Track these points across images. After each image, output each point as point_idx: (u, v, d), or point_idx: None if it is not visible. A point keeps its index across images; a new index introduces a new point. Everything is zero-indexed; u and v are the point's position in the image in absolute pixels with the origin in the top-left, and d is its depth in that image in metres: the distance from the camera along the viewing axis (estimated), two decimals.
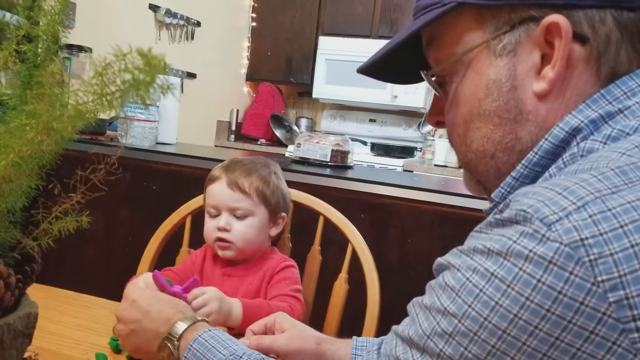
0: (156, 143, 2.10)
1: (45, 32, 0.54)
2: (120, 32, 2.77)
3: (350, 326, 1.13)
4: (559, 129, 0.55)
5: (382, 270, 1.22)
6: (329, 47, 3.76)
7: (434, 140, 3.57)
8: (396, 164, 3.36)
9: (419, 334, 0.52)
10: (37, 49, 0.55)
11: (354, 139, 3.06)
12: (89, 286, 1.20)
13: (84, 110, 0.48)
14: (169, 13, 3.19)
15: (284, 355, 0.84)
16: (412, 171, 3.25)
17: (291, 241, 1.36)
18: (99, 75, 0.45)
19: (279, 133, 3.94)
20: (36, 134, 0.48)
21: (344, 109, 4.09)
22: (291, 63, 3.99)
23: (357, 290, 1.23)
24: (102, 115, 0.54)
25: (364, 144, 3.81)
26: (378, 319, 1.16)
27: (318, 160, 1.98)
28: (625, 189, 0.45)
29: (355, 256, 1.24)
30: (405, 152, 3.69)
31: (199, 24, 3.49)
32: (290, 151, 2.59)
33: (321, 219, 1.31)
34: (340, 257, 1.27)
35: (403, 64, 0.70)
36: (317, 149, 1.99)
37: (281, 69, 4.01)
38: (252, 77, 4.12)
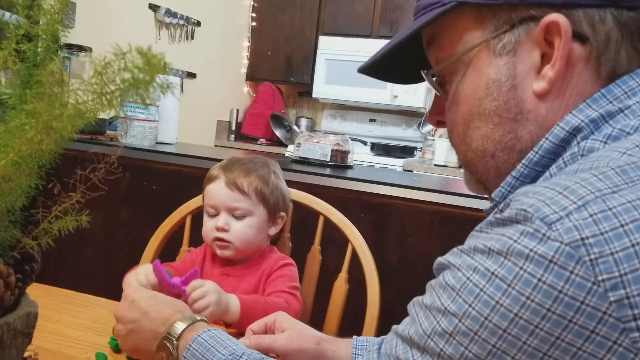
0: (156, 143, 2.10)
1: (45, 31, 0.54)
2: (120, 32, 2.77)
3: (351, 326, 1.13)
4: (559, 128, 0.55)
5: (382, 270, 1.22)
6: (329, 47, 3.76)
7: (434, 140, 3.57)
8: (396, 163, 3.36)
9: (419, 334, 0.52)
10: (37, 48, 0.54)
11: (354, 139, 3.06)
12: (88, 286, 1.20)
13: (83, 110, 0.48)
14: (168, 13, 3.19)
15: (284, 354, 0.84)
16: (412, 171, 3.25)
17: (291, 241, 1.36)
18: (99, 74, 0.45)
19: (279, 133, 3.94)
20: (36, 133, 0.48)
21: (344, 108, 4.09)
22: (291, 63, 3.99)
23: (357, 290, 1.23)
24: (102, 115, 0.54)
25: (364, 143, 3.81)
26: (378, 318, 1.16)
27: (318, 160, 1.97)
28: (626, 188, 0.45)
29: (355, 256, 1.24)
30: (405, 151, 3.69)
31: (198, 23, 3.49)
32: (290, 151, 2.59)
33: (321, 219, 1.30)
34: (340, 256, 1.27)
35: (404, 64, 0.70)
36: (317, 148, 1.99)
37: (281, 68, 4.01)
38: (252, 76, 4.12)
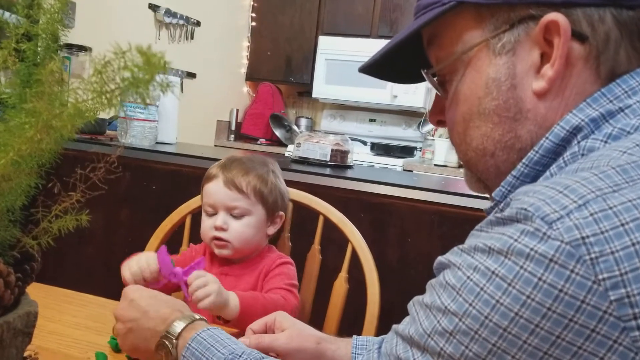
0: (156, 143, 2.10)
1: (44, 30, 0.54)
2: (120, 32, 2.77)
3: (350, 325, 1.13)
4: (559, 127, 0.55)
5: (382, 269, 1.22)
6: (329, 47, 3.76)
7: (433, 140, 3.57)
8: (396, 163, 3.36)
9: (419, 333, 0.52)
10: (37, 47, 0.54)
11: (353, 139, 3.06)
12: (88, 285, 1.20)
13: (83, 109, 0.48)
14: (168, 13, 3.19)
15: (283, 354, 0.84)
16: (412, 171, 3.25)
17: (291, 240, 1.36)
18: (99, 73, 0.45)
19: (278, 133, 3.94)
20: (36, 132, 0.48)
21: (343, 108, 4.09)
22: (291, 63, 3.99)
23: (357, 290, 1.23)
24: (102, 115, 0.54)
25: (364, 143, 3.81)
26: (378, 318, 1.16)
27: (318, 160, 1.97)
28: (626, 187, 0.45)
29: (355, 255, 1.24)
30: (405, 151, 3.69)
31: (198, 23, 3.49)
32: (290, 151, 2.59)
33: (321, 219, 1.30)
34: (340, 256, 1.27)
35: (404, 64, 0.70)
36: (317, 148, 1.99)
37: (281, 68, 4.01)
38: (252, 76, 4.12)
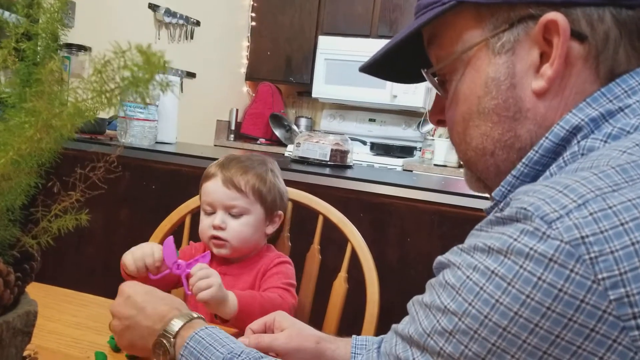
0: (155, 142, 2.10)
1: (44, 30, 0.54)
2: (120, 32, 2.77)
3: (350, 325, 1.13)
4: (559, 127, 0.55)
5: (382, 269, 1.22)
6: (329, 47, 3.76)
7: (433, 140, 3.57)
8: (396, 163, 3.36)
9: (419, 333, 0.52)
10: (37, 46, 0.54)
11: (353, 139, 3.06)
12: (88, 285, 1.20)
13: (83, 108, 0.48)
14: (168, 12, 3.19)
15: (283, 353, 0.84)
16: (411, 171, 3.25)
17: (290, 240, 1.36)
18: (98, 72, 0.45)
19: (278, 133, 3.94)
20: (35, 131, 0.48)
21: (343, 108, 4.09)
22: (291, 63, 3.99)
23: (357, 290, 1.23)
24: (102, 114, 0.54)
25: (364, 143, 3.81)
26: (377, 318, 1.16)
27: (317, 159, 1.97)
28: (626, 187, 0.45)
29: (354, 255, 1.24)
30: (405, 151, 3.69)
31: (198, 23, 3.49)
32: (290, 151, 2.59)
33: (320, 218, 1.30)
34: (339, 256, 1.27)
35: (405, 63, 0.71)
36: (317, 148, 1.99)
37: (281, 68, 4.01)
38: (252, 76, 4.12)
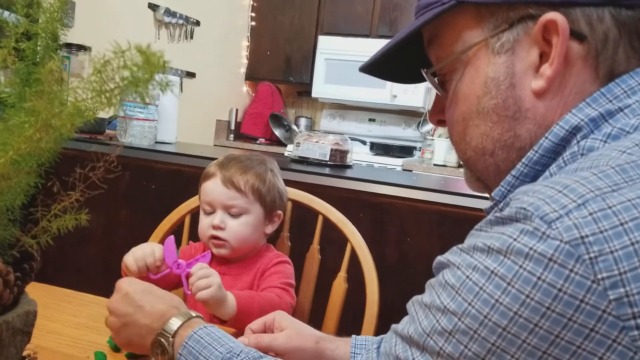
0: (155, 142, 2.10)
1: (44, 29, 0.54)
2: (120, 31, 2.77)
3: (349, 325, 1.13)
4: (559, 127, 0.55)
5: (381, 269, 1.22)
6: (329, 47, 3.76)
7: (433, 140, 3.57)
8: (395, 163, 3.36)
9: (418, 333, 0.52)
10: (36, 46, 0.54)
11: (353, 139, 3.06)
12: (88, 285, 1.20)
13: (83, 108, 0.48)
14: (168, 12, 3.19)
15: (282, 353, 0.84)
16: (411, 170, 3.25)
17: (290, 240, 1.36)
18: (98, 72, 0.45)
19: (278, 132, 3.94)
20: (35, 131, 0.48)
21: (343, 108, 4.09)
22: (290, 62, 3.99)
23: (356, 289, 1.23)
24: (101, 114, 0.54)
25: (363, 143, 3.81)
26: (377, 317, 1.16)
27: (317, 159, 1.97)
28: (626, 187, 0.45)
29: (354, 255, 1.24)
30: (405, 151, 3.69)
31: (198, 23, 3.49)
32: (290, 150, 2.58)
33: (320, 218, 1.30)
34: (339, 256, 1.27)
35: (405, 63, 0.71)
36: (317, 148, 1.99)
37: (280, 68, 4.01)
38: (252, 76, 4.12)
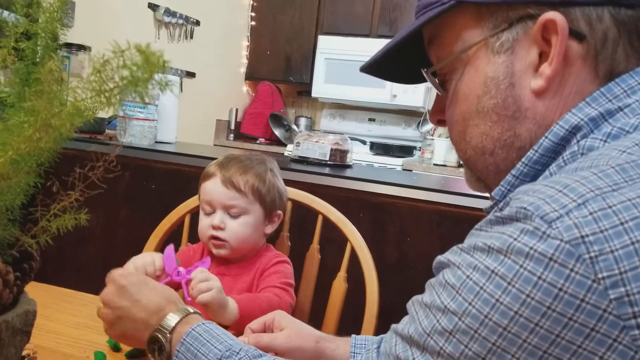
0: (155, 142, 2.10)
1: (44, 29, 0.54)
2: (120, 31, 2.77)
3: (349, 325, 1.13)
4: (559, 127, 0.55)
5: (381, 269, 1.22)
6: (329, 47, 3.76)
7: (433, 140, 3.57)
8: (395, 163, 3.36)
9: (419, 332, 0.52)
10: (36, 46, 0.54)
11: (353, 138, 3.06)
12: (87, 285, 1.20)
13: (82, 108, 0.48)
14: (168, 12, 3.18)
15: (282, 353, 0.84)
16: (411, 170, 3.25)
17: (290, 240, 1.36)
18: (97, 71, 0.45)
19: (278, 132, 3.94)
20: (35, 131, 0.48)
21: (343, 108, 4.09)
22: (290, 62, 3.99)
23: (356, 289, 1.23)
24: (101, 114, 0.54)
25: (363, 143, 3.81)
26: (377, 317, 1.16)
27: (317, 159, 1.97)
28: (626, 187, 0.45)
29: (354, 255, 1.24)
30: (405, 151, 3.69)
31: (198, 23, 3.49)
32: (290, 150, 2.59)
33: (320, 218, 1.30)
34: (339, 256, 1.27)
35: (406, 63, 0.71)
36: (316, 148, 1.99)
37: (280, 68, 4.01)
38: (252, 76, 4.13)
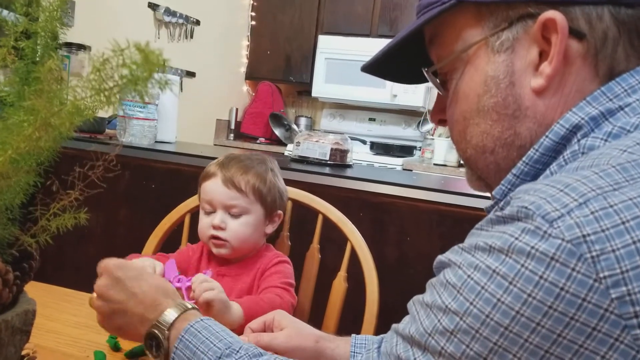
0: (155, 142, 2.09)
1: (43, 28, 0.54)
2: (119, 31, 2.77)
3: (349, 324, 1.13)
4: (559, 126, 0.55)
5: (381, 268, 1.21)
6: (329, 46, 3.76)
7: (433, 139, 3.57)
8: (395, 163, 3.36)
9: (420, 332, 0.52)
10: (36, 45, 0.54)
11: (353, 138, 3.05)
12: (87, 284, 1.19)
13: (82, 107, 0.48)
14: (168, 11, 3.18)
15: (282, 352, 0.84)
16: (411, 170, 3.24)
17: (290, 240, 1.36)
18: (97, 70, 0.45)
19: (278, 132, 3.93)
20: (34, 130, 0.48)
21: (343, 107, 4.09)
22: (290, 62, 3.99)
23: (356, 289, 1.23)
24: (101, 113, 0.54)
25: (364, 142, 3.81)
26: (377, 317, 1.16)
27: (317, 159, 1.97)
28: (627, 186, 0.44)
29: (354, 255, 1.24)
30: (405, 151, 3.69)
31: (198, 22, 3.49)
32: (290, 150, 2.59)
33: (320, 218, 1.30)
34: (339, 255, 1.27)
35: (407, 63, 0.71)
36: (317, 147, 1.99)
37: (280, 67, 4.01)
38: (252, 75, 4.12)
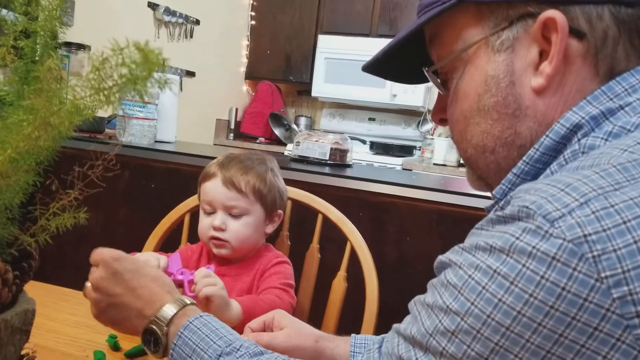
0: (155, 141, 2.09)
1: (43, 28, 0.54)
2: (119, 30, 2.76)
3: (349, 324, 1.13)
4: (559, 125, 0.55)
5: (381, 268, 1.21)
6: (329, 46, 3.76)
7: (433, 139, 3.57)
8: (395, 162, 3.36)
9: (421, 333, 0.52)
10: (35, 44, 0.54)
11: (353, 138, 3.05)
12: None
13: (81, 106, 0.48)
14: (167, 11, 3.18)
15: (282, 352, 0.84)
16: (411, 170, 3.24)
17: (290, 239, 1.36)
18: (96, 70, 0.45)
19: (278, 132, 3.93)
20: (34, 129, 0.48)
21: (343, 107, 4.09)
22: (290, 62, 3.98)
23: (356, 289, 1.23)
24: (101, 113, 0.54)
25: (363, 142, 3.81)
26: (376, 316, 1.16)
27: (317, 158, 1.97)
28: (627, 186, 0.44)
29: (354, 254, 1.24)
30: (405, 150, 3.69)
31: (198, 22, 3.49)
32: (289, 150, 2.59)
33: (320, 217, 1.30)
34: (339, 255, 1.27)
35: (407, 63, 0.71)
36: (316, 147, 1.98)
37: (280, 67, 4.01)
38: (251, 75, 4.12)
